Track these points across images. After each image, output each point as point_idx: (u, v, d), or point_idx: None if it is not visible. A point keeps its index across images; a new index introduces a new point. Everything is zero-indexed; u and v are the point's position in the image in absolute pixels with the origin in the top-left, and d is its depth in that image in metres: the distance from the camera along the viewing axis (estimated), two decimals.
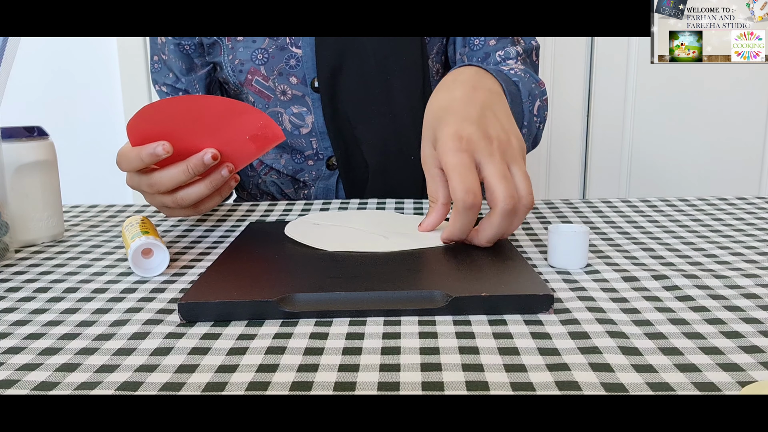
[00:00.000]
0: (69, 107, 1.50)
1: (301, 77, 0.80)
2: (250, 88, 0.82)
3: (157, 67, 0.87)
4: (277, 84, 0.81)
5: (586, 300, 0.42)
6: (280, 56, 0.79)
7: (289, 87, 0.81)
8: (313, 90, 0.80)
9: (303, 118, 0.82)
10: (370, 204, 0.73)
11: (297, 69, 0.80)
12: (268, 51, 0.79)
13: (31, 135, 0.59)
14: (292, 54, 0.79)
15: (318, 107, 0.81)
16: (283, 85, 0.81)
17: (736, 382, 0.31)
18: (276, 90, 0.81)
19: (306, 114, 0.82)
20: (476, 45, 0.81)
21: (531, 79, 0.72)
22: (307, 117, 0.82)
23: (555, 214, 0.67)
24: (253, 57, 0.80)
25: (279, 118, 0.82)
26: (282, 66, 0.80)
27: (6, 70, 0.54)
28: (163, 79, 0.87)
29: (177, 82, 0.86)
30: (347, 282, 0.43)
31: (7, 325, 0.40)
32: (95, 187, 1.54)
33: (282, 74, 0.80)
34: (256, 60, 0.80)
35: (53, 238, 0.61)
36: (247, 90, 0.82)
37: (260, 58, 0.79)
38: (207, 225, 0.66)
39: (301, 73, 0.80)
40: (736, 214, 0.65)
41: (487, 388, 0.31)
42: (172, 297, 0.44)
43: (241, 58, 0.80)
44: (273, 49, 0.79)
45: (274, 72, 0.80)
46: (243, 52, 0.80)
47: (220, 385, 0.31)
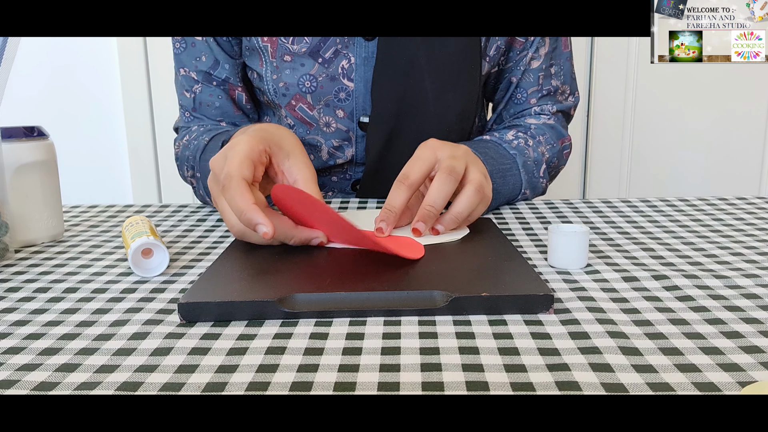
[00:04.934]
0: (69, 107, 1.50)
1: (348, 112, 0.76)
2: (292, 113, 0.77)
3: (180, 47, 0.76)
4: (322, 115, 0.76)
5: (586, 300, 0.42)
6: (330, 87, 0.74)
7: (335, 120, 0.76)
8: (360, 127, 0.76)
9: (343, 151, 0.78)
10: (370, 203, 0.73)
11: (346, 103, 0.75)
12: (318, 79, 0.74)
13: (31, 135, 0.59)
14: (342, 86, 0.74)
15: (361, 143, 0.77)
16: (328, 117, 0.76)
17: (736, 382, 0.31)
18: (320, 121, 0.76)
19: (347, 147, 0.78)
20: (518, 100, 0.81)
21: (550, 139, 0.78)
22: (347, 150, 0.78)
23: (555, 214, 0.67)
24: (300, 83, 0.74)
25: (318, 147, 0.78)
26: (330, 98, 0.75)
27: (6, 70, 0.54)
28: (193, 63, 0.76)
29: (216, 68, 0.76)
30: (347, 282, 0.43)
31: (7, 325, 0.40)
32: (95, 187, 1.54)
33: (329, 106, 0.75)
34: (303, 87, 0.74)
35: (53, 238, 0.61)
36: (287, 113, 0.77)
37: (308, 86, 0.74)
38: (207, 225, 0.66)
39: (350, 107, 0.75)
40: (736, 214, 0.65)
41: (487, 388, 0.31)
42: (172, 297, 0.44)
43: (286, 81, 0.75)
44: (323, 78, 0.74)
45: (321, 102, 0.75)
46: (289, 75, 0.74)
47: (220, 386, 0.31)
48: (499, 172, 0.68)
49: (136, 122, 1.51)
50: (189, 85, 0.77)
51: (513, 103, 0.82)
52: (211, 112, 0.77)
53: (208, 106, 0.77)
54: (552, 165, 0.79)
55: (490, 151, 0.70)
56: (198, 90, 0.77)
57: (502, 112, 0.83)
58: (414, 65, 0.74)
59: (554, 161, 0.79)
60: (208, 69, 0.76)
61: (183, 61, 0.77)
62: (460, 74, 0.76)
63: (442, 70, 0.76)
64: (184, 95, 0.78)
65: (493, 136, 0.75)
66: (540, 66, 0.79)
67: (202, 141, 0.70)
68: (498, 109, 0.84)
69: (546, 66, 0.80)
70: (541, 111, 0.81)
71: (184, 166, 0.75)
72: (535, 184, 0.74)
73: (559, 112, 0.82)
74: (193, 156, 0.71)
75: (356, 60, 0.74)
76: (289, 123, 0.78)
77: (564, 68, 0.81)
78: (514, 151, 0.72)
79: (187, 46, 0.76)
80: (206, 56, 0.76)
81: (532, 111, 0.81)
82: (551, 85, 0.80)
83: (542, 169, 0.75)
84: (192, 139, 0.74)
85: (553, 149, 0.78)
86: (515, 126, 0.80)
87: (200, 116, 0.78)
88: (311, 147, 0.79)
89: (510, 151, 0.72)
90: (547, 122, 0.80)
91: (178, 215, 0.71)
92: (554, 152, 0.78)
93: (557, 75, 0.81)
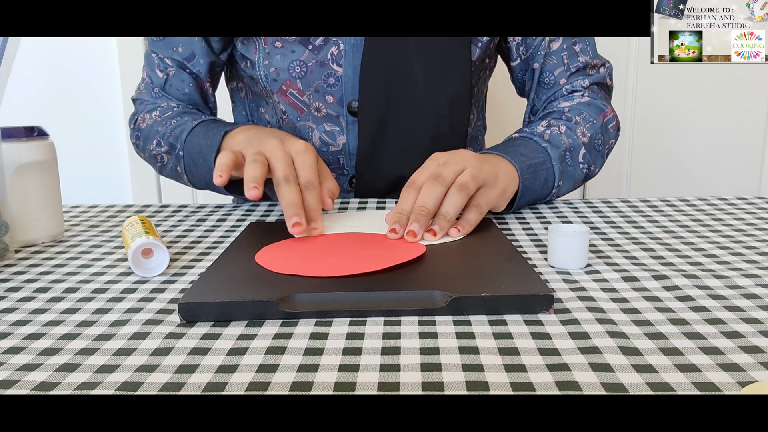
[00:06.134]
0: (69, 107, 1.50)
1: (338, 97, 0.77)
2: (284, 98, 0.78)
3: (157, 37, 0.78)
4: (311, 100, 0.77)
5: (586, 300, 0.42)
6: (319, 72, 0.76)
7: (324, 105, 0.77)
8: (350, 113, 0.77)
9: (334, 138, 0.79)
10: (370, 203, 0.73)
11: (335, 88, 0.76)
12: (307, 65, 0.76)
13: (31, 135, 0.59)
14: (332, 72, 0.76)
15: (352, 130, 0.78)
16: (318, 103, 0.77)
17: (736, 382, 0.31)
18: (310, 106, 0.78)
19: (338, 134, 0.79)
20: (546, 84, 0.80)
21: (588, 117, 0.74)
22: (338, 137, 0.79)
23: (555, 214, 0.67)
24: (290, 68, 0.76)
25: (309, 133, 0.80)
26: (319, 83, 0.76)
27: (6, 70, 0.54)
28: (169, 52, 0.78)
29: (191, 60, 0.78)
30: (347, 282, 0.43)
31: (7, 325, 0.40)
32: (95, 187, 1.54)
33: (318, 91, 0.77)
34: (293, 72, 0.76)
35: (53, 238, 0.61)
36: (279, 98, 0.79)
37: (297, 72, 0.76)
38: (207, 225, 0.66)
39: (339, 93, 0.77)
40: (736, 214, 0.65)
41: (487, 388, 0.31)
42: (172, 297, 0.44)
43: (277, 67, 0.76)
44: (312, 63, 0.76)
45: (311, 88, 0.77)
46: (280, 60, 0.76)
47: (220, 385, 0.31)
48: (529, 168, 0.66)
49: None
50: (163, 67, 0.79)
51: (542, 89, 0.81)
52: (178, 95, 0.80)
53: (178, 90, 0.79)
54: (597, 143, 0.75)
55: (519, 148, 0.68)
56: (171, 73, 0.79)
57: (534, 101, 0.82)
58: (402, 51, 0.75)
59: (599, 138, 0.75)
60: (183, 60, 0.78)
61: (159, 48, 0.79)
62: (448, 59, 0.77)
63: (431, 56, 0.77)
64: (155, 73, 0.80)
65: (523, 132, 0.73)
66: (561, 46, 0.79)
67: (188, 123, 0.73)
68: (530, 99, 0.83)
69: (568, 45, 0.79)
70: (573, 89, 0.79)
71: (153, 139, 0.76)
72: (571, 173, 0.71)
73: (594, 85, 0.80)
74: (172, 133, 0.73)
75: (345, 46, 0.76)
76: (281, 109, 0.80)
77: (589, 44, 0.80)
78: (546, 144, 0.70)
79: (164, 38, 0.78)
80: (183, 47, 0.78)
81: (564, 91, 0.79)
82: (579, 62, 0.79)
83: (581, 153, 0.72)
84: (167, 117, 0.76)
85: (593, 127, 0.74)
86: (548, 115, 0.77)
87: (169, 96, 0.80)
88: (303, 134, 0.80)
89: (542, 144, 0.70)
90: (581, 101, 0.77)
91: (178, 215, 0.71)
92: (596, 129, 0.74)
93: (584, 51, 0.79)
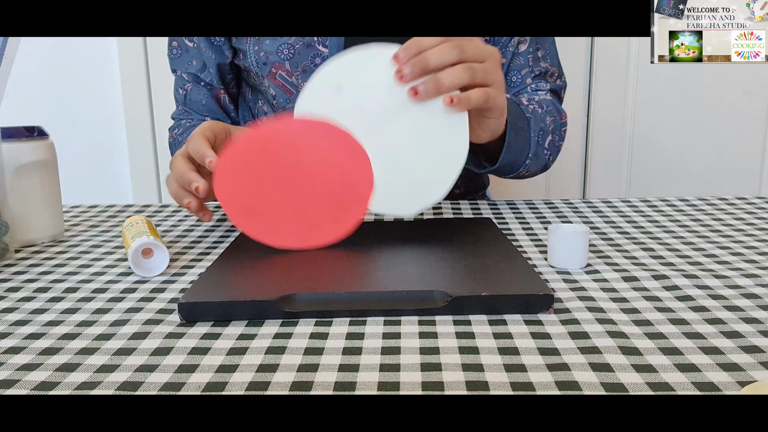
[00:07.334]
0: (69, 107, 1.50)
1: None
2: (273, 82, 0.81)
3: (176, 53, 0.85)
4: (300, 81, 0.80)
5: (586, 300, 0.42)
6: (306, 53, 0.79)
7: None
8: None
9: None
10: None
11: None
12: (295, 47, 0.79)
13: (31, 135, 0.59)
14: (318, 52, 0.79)
15: None
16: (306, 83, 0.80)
17: (736, 382, 0.31)
18: (299, 87, 0.80)
19: None
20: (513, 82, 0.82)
21: (552, 111, 0.77)
22: None
23: (555, 214, 0.67)
24: (278, 51, 0.79)
25: None
26: (307, 64, 0.79)
27: (6, 70, 0.54)
28: (185, 67, 0.85)
29: (203, 71, 0.84)
30: (347, 282, 0.43)
31: (7, 325, 0.40)
32: (95, 187, 1.54)
33: (306, 72, 0.79)
34: (281, 54, 0.79)
35: (53, 238, 0.61)
36: (269, 83, 0.82)
37: (286, 53, 0.79)
38: (207, 225, 0.66)
39: None
40: (736, 214, 0.65)
41: (487, 388, 0.31)
42: (172, 297, 0.44)
43: (266, 51, 0.79)
44: (299, 45, 0.79)
45: (299, 69, 0.80)
46: (269, 44, 0.79)
47: (220, 385, 0.31)
48: (513, 127, 0.68)
49: (136, 122, 1.51)
50: (182, 84, 0.87)
51: (509, 86, 0.83)
52: (198, 108, 0.87)
53: (196, 102, 0.87)
54: (556, 138, 0.78)
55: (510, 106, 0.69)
56: (189, 88, 0.87)
57: None
58: None
59: (558, 134, 0.79)
60: (196, 72, 0.85)
61: (177, 65, 0.86)
62: None
63: None
64: (178, 91, 0.89)
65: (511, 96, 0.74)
66: (528, 49, 0.82)
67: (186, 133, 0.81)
68: None
69: (533, 49, 0.83)
70: (537, 88, 0.82)
71: None
72: (539, 154, 0.74)
73: (552, 92, 0.84)
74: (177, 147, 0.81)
75: None
76: (271, 94, 0.83)
77: (550, 52, 0.84)
78: (530, 115, 0.72)
79: (181, 53, 0.85)
80: (196, 61, 0.85)
81: (528, 89, 0.83)
82: (541, 67, 0.83)
83: (548, 140, 0.75)
84: (180, 133, 0.85)
85: (555, 122, 0.78)
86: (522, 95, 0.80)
87: (189, 111, 0.88)
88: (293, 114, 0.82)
89: (526, 114, 0.72)
90: (546, 98, 0.80)
91: (178, 215, 0.71)
92: (557, 126, 0.78)
93: (545, 58, 0.83)
